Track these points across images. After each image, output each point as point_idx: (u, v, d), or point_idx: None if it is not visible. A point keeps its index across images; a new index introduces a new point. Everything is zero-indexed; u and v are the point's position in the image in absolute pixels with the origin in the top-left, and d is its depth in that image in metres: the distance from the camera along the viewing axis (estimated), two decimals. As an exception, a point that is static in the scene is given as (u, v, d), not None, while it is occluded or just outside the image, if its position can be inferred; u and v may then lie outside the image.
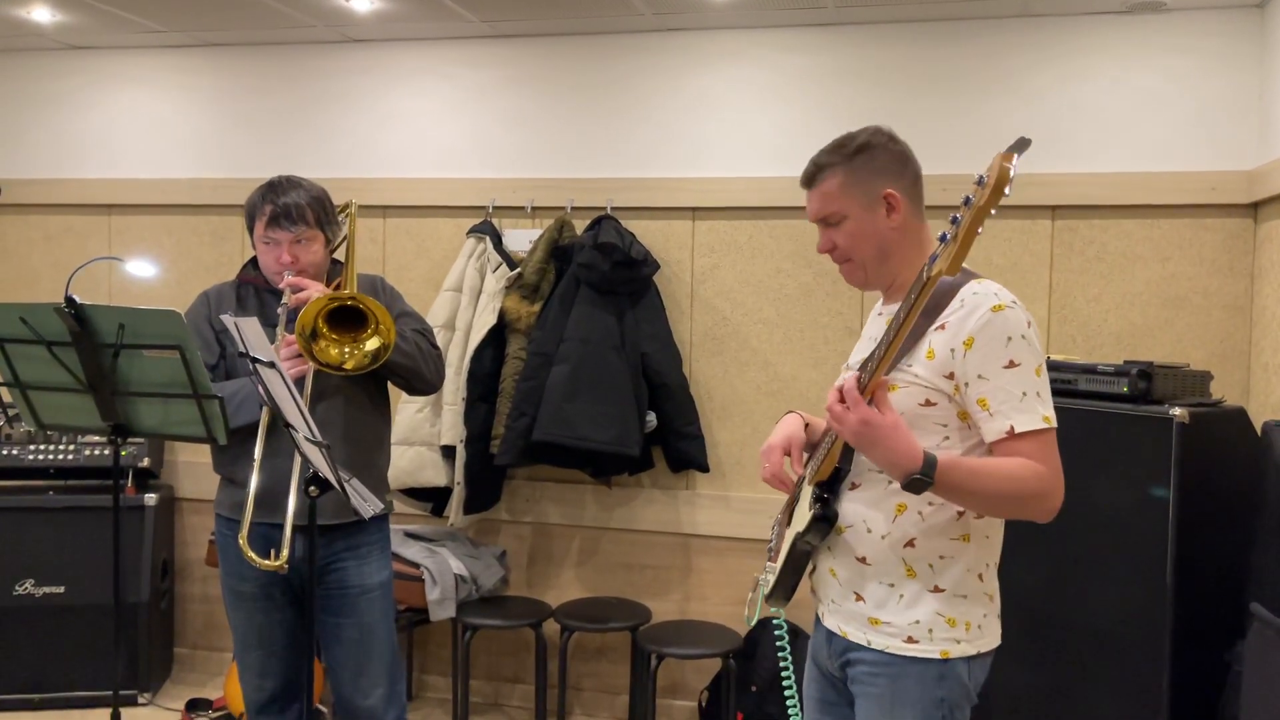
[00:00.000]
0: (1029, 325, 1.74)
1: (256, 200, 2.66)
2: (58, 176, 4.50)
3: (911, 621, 1.80)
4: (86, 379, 2.46)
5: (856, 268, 1.90)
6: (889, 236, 1.85)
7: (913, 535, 1.79)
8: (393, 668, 2.77)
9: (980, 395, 1.72)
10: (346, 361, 2.51)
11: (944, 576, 1.80)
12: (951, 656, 1.79)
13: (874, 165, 1.85)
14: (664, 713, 3.96)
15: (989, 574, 1.85)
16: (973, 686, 1.83)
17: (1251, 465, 2.70)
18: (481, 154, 4.13)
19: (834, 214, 1.87)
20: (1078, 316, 3.63)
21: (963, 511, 1.79)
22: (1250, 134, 3.45)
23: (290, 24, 4.02)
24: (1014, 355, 1.71)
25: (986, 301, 1.73)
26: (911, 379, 1.77)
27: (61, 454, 4.08)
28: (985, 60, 3.68)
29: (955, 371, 1.74)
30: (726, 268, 3.93)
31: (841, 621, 1.89)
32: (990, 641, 1.84)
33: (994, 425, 1.71)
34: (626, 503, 4.03)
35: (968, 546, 1.81)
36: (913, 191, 1.87)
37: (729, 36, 3.90)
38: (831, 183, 1.86)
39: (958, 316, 1.74)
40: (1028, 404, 1.70)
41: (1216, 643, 2.67)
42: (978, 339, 1.71)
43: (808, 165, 1.91)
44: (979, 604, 1.82)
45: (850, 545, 1.84)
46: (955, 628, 1.79)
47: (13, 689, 3.93)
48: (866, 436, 1.64)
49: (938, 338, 1.75)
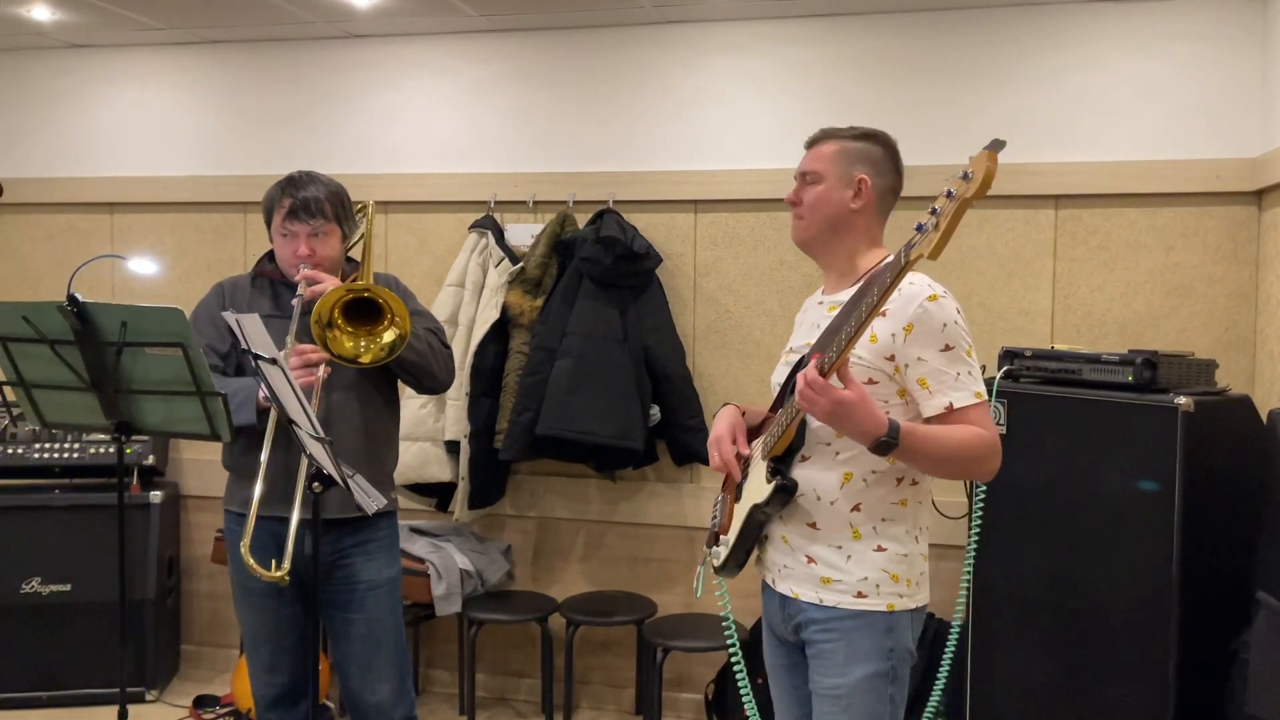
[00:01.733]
0: (958, 313, 1.94)
1: (275, 194, 2.68)
2: (59, 175, 4.50)
3: (860, 578, 1.97)
4: (89, 377, 2.46)
5: (806, 225, 2.08)
6: (845, 215, 2.04)
7: (858, 501, 1.98)
8: (401, 663, 2.78)
9: (920, 375, 1.92)
10: (363, 355, 2.52)
11: (886, 537, 1.99)
12: (896, 609, 1.98)
13: (865, 154, 2.06)
14: (671, 705, 3.97)
15: (923, 536, 2.05)
16: (913, 640, 2.02)
17: (1257, 453, 2.69)
18: (483, 149, 4.12)
19: (814, 173, 2.07)
20: (1082, 306, 3.62)
21: (900, 479, 1.99)
22: (1254, 121, 3.43)
23: (290, 20, 4.02)
24: (948, 340, 1.91)
25: (922, 292, 1.92)
26: (855, 360, 1.93)
27: (67, 452, 4.09)
28: (986, 50, 3.66)
29: (896, 354, 1.93)
30: (729, 260, 3.93)
31: (794, 585, 2.04)
32: (923, 599, 2.04)
33: (934, 402, 1.91)
34: (631, 496, 4.03)
35: (905, 510, 2.01)
36: (885, 197, 2.07)
37: (729, 29, 3.89)
38: (827, 148, 2.07)
39: (897, 305, 1.91)
40: (962, 382, 1.91)
41: (1223, 631, 2.67)
42: (916, 326, 1.91)
43: (817, 131, 2.12)
44: (916, 563, 2.02)
45: (803, 511, 2.01)
46: (898, 583, 1.99)
47: (21, 687, 3.94)
48: (840, 415, 1.80)
49: (879, 323, 1.93)
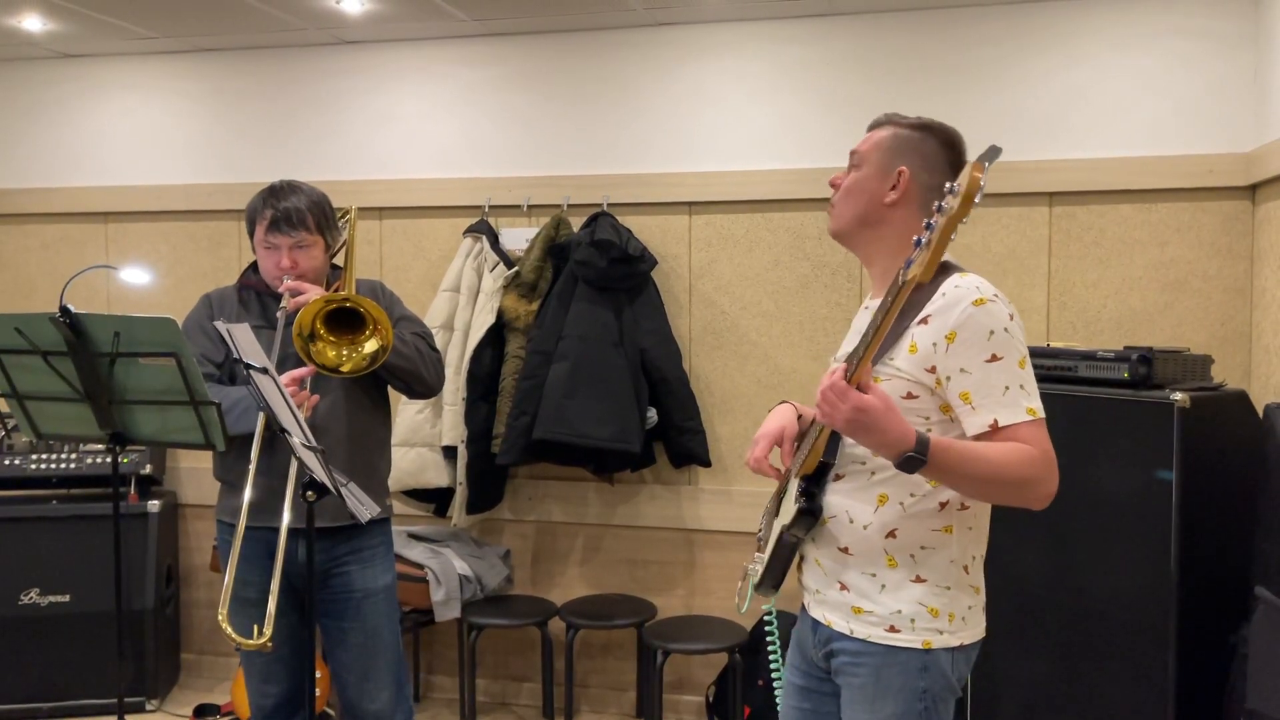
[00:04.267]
0: (1011, 318, 1.73)
1: (257, 204, 2.66)
2: (52, 185, 4.49)
3: (893, 611, 1.80)
4: (83, 388, 2.46)
5: (837, 214, 1.93)
6: (878, 207, 1.86)
7: (894, 526, 1.80)
8: (399, 671, 2.77)
9: (963, 389, 1.72)
10: (344, 364, 2.50)
11: (926, 567, 1.80)
12: (934, 647, 1.79)
13: (916, 145, 1.87)
14: (671, 708, 3.96)
15: (975, 566, 1.85)
16: (956, 678, 1.82)
17: (1254, 448, 2.69)
18: (476, 153, 4.12)
19: (861, 156, 1.91)
20: (1077, 303, 3.62)
21: (945, 503, 1.79)
22: (1247, 116, 3.43)
23: (281, 27, 4.02)
24: (996, 349, 1.70)
25: (968, 295, 1.73)
26: (894, 372, 1.77)
27: (64, 463, 4.08)
28: (981, 48, 3.66)
29: (937, 365, 1.74)
30: (724, 262, 3.92)
31: (826, 611, 1.90)
32: (974, 634, 1.84)
33: (977, 419, 1.71)
34: (629, 499, 4.03)
35: (950, 538, 1.81)
36: (930, 195, 1.82)
37: (722, 30, 3.89)
38: (879, 133, 1.91)
39: (940, 310, 1.74)
40: (1011, 397, 1.70)
41: (1221, 626, 2.67)
42: (960, 333, 1.71)
43: (883, 114, 1.95)
44: (964, 595, 1.82)
45: (833, 535, 1.85)
46: (938, 618, 1.79)
47: (20, 698, 3.94)
48: (860, 423, 1.61)
49: (920, 331, 1.75)
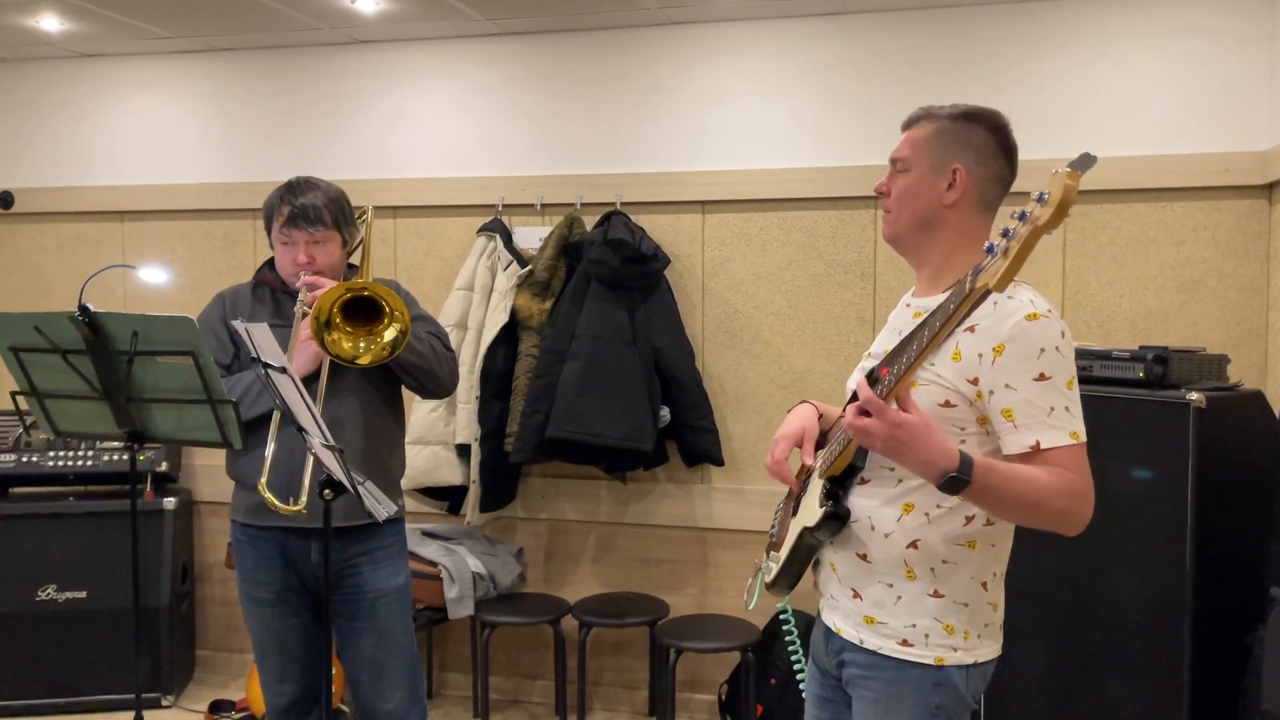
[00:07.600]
0: (1063, 336, 1.66)
1: (274, 200, 2.67)
2: (69, 184, 4.52)
3: (908, 624, 1.75)
4: (101, 386, 2.48)
5: (893, 221, 1.83)
6: (936, 210, 1.77)
7: (917, 537, 1.74)
8: (413, 671, 2.77)
9: (1006, 405, 1.65)
10: (362, 355, 2.50)
11: (945, 582, 1.74)
12: (947, 664, 1.74)
13: (964, 138, 1.77)
14: (684, 706, 3.97)
15: (994, 583, 1.80)
16: (970, 696, 1.77)
17: (1270, 448, 2.68)
18: (490, 152, 4.13)
19: (905, 160, 1.81)
20: (1092, 302, 3.61)
21: (971, 517, 1.73)
22: (1263, 114, 3.41)
23: (296, 27, 4.03)
24: (1045, 367, 1.63)
25: (1021, 309, 1.65)
26: (934, 378, 1.70)
27: (81, 460, 4.11)
28: (995, 45, 3.65)
29: (980, 377, 1.67)
30: (737, 261, 3.92)
31: (839, 619, 1.85)
32: (990, 652, 1.79)
33: (1018, 438, 1.64)
34: (642, 498, 4.04)
35: (972, 554, 1.75)
36: (988, 189, 1.77)
37: (735, 28, 3.89)
38: (922, 131, 1.81)
39: (990, 321, 1.65)
40: (1055, 419, 1.63)
41: (1237, 626, 2.65)
42: (1009, 347, 1.64)
43: (916, 109, 1.85)
44: (981, 613, 1.77)
45: (853, 541, 1.79)
46: (953, 635, 1.75)
47: (37, 694, 3.97)
48: (900, 441, 1.53)
49: (966, 340, 1.67)
